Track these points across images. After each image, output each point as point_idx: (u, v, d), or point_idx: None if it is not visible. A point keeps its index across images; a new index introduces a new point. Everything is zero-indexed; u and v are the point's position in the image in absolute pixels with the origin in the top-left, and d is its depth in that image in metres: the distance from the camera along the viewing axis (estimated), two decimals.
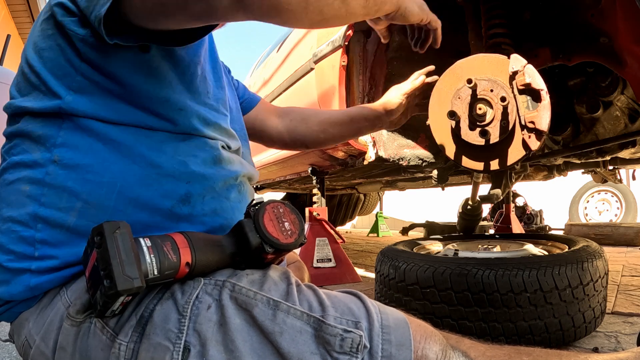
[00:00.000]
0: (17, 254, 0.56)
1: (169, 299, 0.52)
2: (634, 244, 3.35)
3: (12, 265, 0.56)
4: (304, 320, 0.50)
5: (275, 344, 0.49)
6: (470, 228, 1.92)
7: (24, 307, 0.59)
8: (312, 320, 0.50)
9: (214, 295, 0.52)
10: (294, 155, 2.10)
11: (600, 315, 1.16)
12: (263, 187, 4.05)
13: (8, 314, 0.60)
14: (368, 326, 0.51)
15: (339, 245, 2.21)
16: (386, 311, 0.53)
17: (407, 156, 1.51)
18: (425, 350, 0.51)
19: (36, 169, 0.56)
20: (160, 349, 0.49)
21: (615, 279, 1.92)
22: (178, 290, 0.53)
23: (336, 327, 0.49)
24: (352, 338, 0.49)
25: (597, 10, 0.99)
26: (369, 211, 5.63)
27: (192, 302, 0.51)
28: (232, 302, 0.51)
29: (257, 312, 0.50)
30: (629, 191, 4.88)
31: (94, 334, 0.52)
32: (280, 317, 0.50)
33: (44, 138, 0.57)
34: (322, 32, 1.64)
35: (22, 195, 0.56)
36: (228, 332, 0.49)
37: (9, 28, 6.22)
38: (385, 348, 0.49)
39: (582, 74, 1.26)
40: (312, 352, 0.48)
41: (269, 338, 0.49)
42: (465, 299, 1.06)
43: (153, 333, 0.50)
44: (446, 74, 1.00)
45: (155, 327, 0.50)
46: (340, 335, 0.49)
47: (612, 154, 1.40)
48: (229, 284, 0.53)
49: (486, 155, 0.97)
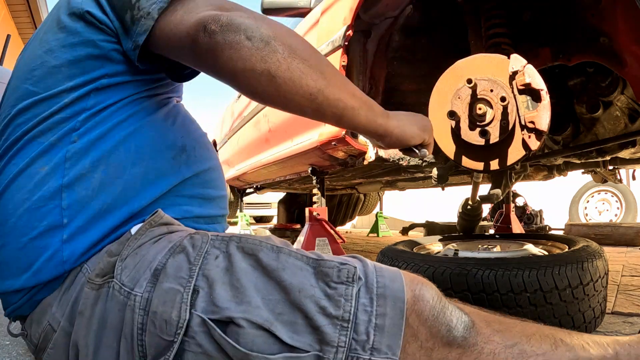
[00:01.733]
0: (45, 227, 0.59)
1: (181, 252, 0.57)
2: (634, 244, 3.35)
3: (41, 242, 0.58)
4: (304, 261, 0.56)
5: (278, 278, 0.54)
6: (470, 228, 1.92)
7: (47, 292, 0.61)
8: (311, 261, 0.56)
9: (221, 248, 0.57)
10: (294, 155, 2.10)
11: (600, 315, 1.15)
12: (263, 187, 4.05)
13: (28, 304, 0.61)
14: (362, 267, 0.56)
15: (339, 245, 2.21)
16: (379, 262, 0.61)
17: (407, 156, 1.51)
18: (422, 290, 0.55)
19: (53, 150, 0.61)
20: (171, 292, 0.53)
21: (615, 279, 1.91)
22: (189, 244, 0.57)
23: (332, 261, 0.55)
24: (347, 269, 0.54)
25: (597, 10, 0.99)
26: (369, 211, 5.63)
27: (202, 254, 0.56)
28: (238, 251, 0.57)
29: (262, 255, 0.55)
30: (629, 191, 4.87)
31: (112, 297, 0.55)
32: (283, 257, 0.55)
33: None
34: (322, 32, 1.64)
35: (39, 175, 0.60)
36: (234, 273, 0.54)
37: (9, 28, 6.22)
38: (379, 281, 0.54)
39: (582, 74, 1.26)
40: (311, 285, 0.53)
41: (272, 275, 0.54)
42: (465, 299, 1.06)
43: (165, 280, 0.54)
44: (446, 74, 1.00)
45: (168, 276, 0.54)
46: (337, 267, 0.54)
47: (612, 154, 1.40)
48: (236, 237, 0.59)
49: (486, 155, 0.97)
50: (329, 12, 1.60)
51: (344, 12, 1.43)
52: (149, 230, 0.61)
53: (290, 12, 2.11)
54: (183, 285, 0.53)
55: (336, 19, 1.49)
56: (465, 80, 0.91)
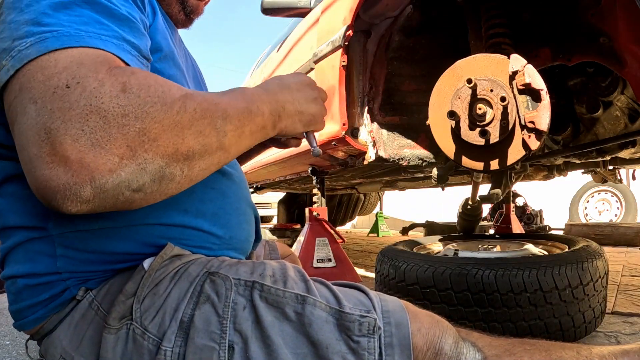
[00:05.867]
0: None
1: (206, 302, 0.55)
2: (634, 244, 3.35)
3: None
4: (327, 311, 0.56)
5: (306, 334, 0.54)
6: (470, 228, 1.92)
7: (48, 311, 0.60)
8: (334, 311, 0.56)
9: (246, 296, 0.57)
10: (294, 155, 2.10)
11: (600, 315, 1.15)
12: (263, 187, 4.05)
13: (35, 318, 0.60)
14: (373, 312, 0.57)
15: (339, 245, 2.21)
16: (386, 299, 0.60)
17: (407, 156, 1.51)
18: (442, 344, 0.57)
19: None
20: (207, 349, 0.52)
21: (615, 279, 1.91)
22: (212, 293, 0.56)
23: (353, 314, 0.56)
24: (368, 322, 0.55)
25: (597, 10, 0.99)
26: (369, 211, 5.63)
27: (230, 305, 0.55)
28: (262, 302, 0.56)
29: (288, 309, 0.56)
30: (629, 191, 4.87)
31: (134, 340, 0.54)
32: (308, 310, 0.56)
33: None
34: (322, 32, 1.64)
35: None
36: (263, 329, 0.54)
37: None
38: (386, 329, 0.56)
39: (582, 74, 1.26)
40: (337, 339, 0.54)
41: (299, 329, 0.55)
42: (465, 299, 1.06)
43: (197, 336, 0.53)
44: (446, 74, 1.00)
45: (199, 331, 0.53)
46: (358, 320, 0.55)
47: (612, 154, 1.40)
48: (257, 284, 0.57)
49: (486, 155, 0.97)
50: (329, 11, 1.60)
51: (344, 12, 1.43)
52: (162, 265, 0.60)
53: (290, 12, 2.11)
54: (217, 341, 0.53)
55: (336, 19, 1.49)
56: (465, 80, 0.90)
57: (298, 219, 5.02)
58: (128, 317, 0.55)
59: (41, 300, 0.59)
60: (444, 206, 6.48)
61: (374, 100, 1.51)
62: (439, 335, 0.58)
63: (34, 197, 0.56)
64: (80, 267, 0.59)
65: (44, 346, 0.61)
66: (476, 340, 0.60)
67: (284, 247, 1.06)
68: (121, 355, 0.54)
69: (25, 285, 0.59)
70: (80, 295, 0.60)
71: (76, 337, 0.58)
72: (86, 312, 0.59)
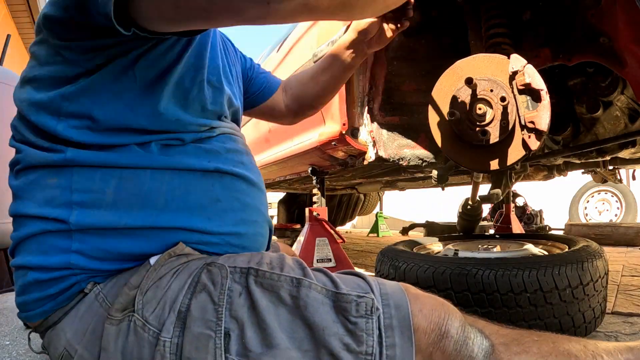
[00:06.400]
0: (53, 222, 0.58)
1: (202, 291, 0.56)
2: (634, 244, 3.34)
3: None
4: (324, 294, 0.56)
5: (301, 317, 0.54)
6: (470, 228, 1.92)
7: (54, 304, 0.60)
8: (330, 293, 0.56)
9: (242, 283, 0.57)
10: (294, 155, 2.10)
11: (600, 315, 1.15)
12: None
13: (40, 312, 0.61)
14: (374, 290, 0.57)
15: (339, 245, 2.21)
16: (384, 282, 0.60)
17: (407, 156, 1.51)
18: (448, 326, 0.56)
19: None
20: (203, 337, 0.52)
21: (615, 279, 1.91)
22: (208, 282, 0.56)
23: (350, 294, 0.55)
24: (365, 302, 0.54)
25: (597, 10, 0.99)
26: (369, 211, 5.63)
27: (225, 292, 0.55)
28: (257, 287, 0.56)
29: (283, 292, 0.55)
30: (629, 191, 4.87)
31: (135, 332, 0.54)
32: (304, 292, 0.55)
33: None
34: (322, 32, 1.64)
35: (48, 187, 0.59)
36: (259, 313, 0.54)
37: (9, 28, 6.21)
38: (385, 311, 0.55)
39: (582, 74, 1.26)
40: (333, 321, 0.54)
41: (295, 312, 0.54)
42: (465, 299, 1.06)
43: (194, 325, 0.53)
44: (446, 74, 1.00)
45: (195, 320, 0.53)
46: (355, 301, 0.54)
47: (612, 154, 1.40)
48: (252, 270, 0.57)
49: (486, 155, 0.97)
50: None
51: None
52: (168, 261, 0.60)
53: None
54: (213, 329, 0.53)
55: None
56: (465, 80, 0.90)
57: (298, 219, 5.02)
58: (130, 308, 0.56)
59: (50, 294, 0.59)
60: (444, 206, 6.48)
61: (374, 100, 1.51)
62: (444, 317, 0.56)
63: (56, 188, 0.57)
64: (93, 264, 0.59)
65: (48, 338, 0.61)
66: (483, 327, 0.59)
67: (287, 247, 1.06)
68: (122, 348, 0.54)
69: (35, 278, 0.59)
70: (88, 288, 0.60)
71: (81, 330, 0.58)
72: (92, 305, 0.59)
